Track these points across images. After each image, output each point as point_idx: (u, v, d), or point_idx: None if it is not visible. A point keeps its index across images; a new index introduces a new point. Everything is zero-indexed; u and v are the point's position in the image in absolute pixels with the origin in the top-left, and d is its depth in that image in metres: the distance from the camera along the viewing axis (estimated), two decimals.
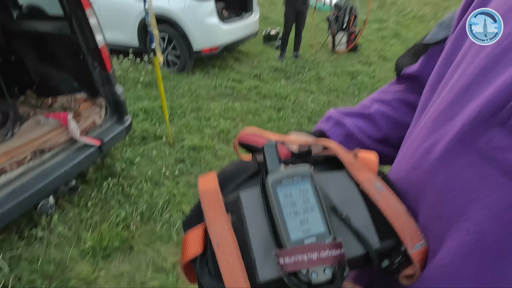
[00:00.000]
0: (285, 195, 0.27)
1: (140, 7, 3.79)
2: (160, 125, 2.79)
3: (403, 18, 9.00)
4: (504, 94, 0.23)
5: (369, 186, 0.29)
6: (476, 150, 0.25)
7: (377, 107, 0.49)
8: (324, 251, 0.24)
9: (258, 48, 5.47)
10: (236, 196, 0.29)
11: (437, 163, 0.28)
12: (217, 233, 0.27)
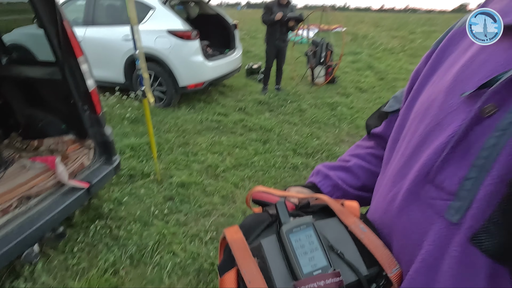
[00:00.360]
0: (296, 240, 0.37)
1: (127, 46, 3.95)
2: (148, 162, 2.80)
3: (374, 51, 9.70)
4: (431, 161, 0.36)
5: (355, 228, 0.40)
6: (420, 200, 0.37)
7: (354, 161, 0.62)
8: (328, 279, 0.34)
9: (242, 81, 5.70)
10: (258, 243, 0.38)
11: (399, 209, 0.39)
12: (248, 273, 0.36)
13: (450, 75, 0.40)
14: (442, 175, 0.35)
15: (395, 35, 14.64)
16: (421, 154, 0.38)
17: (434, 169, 0.36)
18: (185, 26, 3.76)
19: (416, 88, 0.47)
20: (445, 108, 0.37)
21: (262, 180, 2.56)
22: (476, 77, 0.36)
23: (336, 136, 3.48)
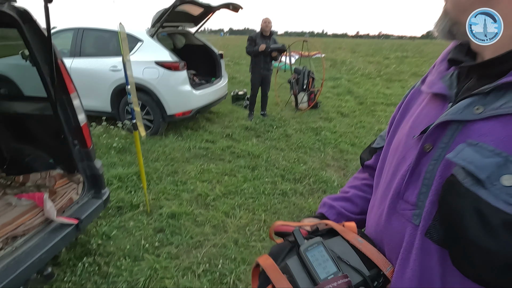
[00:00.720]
0: (311, 255, 0.50)
1: (114, 76, 4.00)
2: (136, 193, 2.77)
3: (353, 76, 10.22)
4: (400, 184, 0.52)
5: (354, 241, 0.54)
6: (397, 212, 0.51)
7: (353, 192, 0.77)
8: (339, 281, 0.46)
9: (228, 107, 5.83)
10: (285, 263, 0.51)
11: (385, 221, 0.54)
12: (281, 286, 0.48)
13: (409, 123, 0.57)
14: (407, 192, 0.51)
15: (371, 61, 15.54)
16: (395, 179, 0.54)
17: (402, 189, 0.51)
18: (173, 57, 3.88)
19: (392, 130, 0.65)
20: (406, 146, 0.54)
21: (253, 208, 2.59)
22: (421, 125, 0.52)
23: (322, 161, 3.59)
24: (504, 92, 0.42)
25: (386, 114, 5.60)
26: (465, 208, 0.40)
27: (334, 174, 3.26)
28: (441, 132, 0.47)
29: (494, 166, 0.40)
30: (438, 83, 0.53)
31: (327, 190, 2.91)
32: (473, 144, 0.43)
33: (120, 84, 4.03)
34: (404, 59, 16.53)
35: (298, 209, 2.61)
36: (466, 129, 0.44)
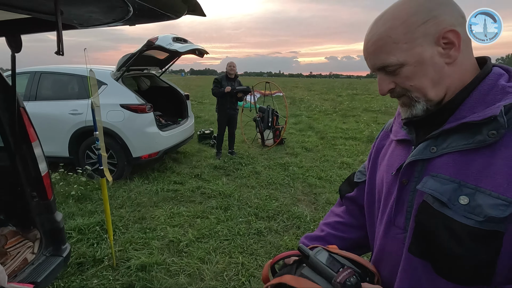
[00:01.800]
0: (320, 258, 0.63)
1: (74, 120, 3.83)
2: (99, 245, 2.53)
3: (312, 113, 10.92)
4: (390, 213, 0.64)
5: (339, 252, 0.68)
6: (392, 237, 0.64)
7: (327, 231, 0.86)
8: (346, 271, 0.60)
9: (195, 147, 5.79)
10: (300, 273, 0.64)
11: (382, 243, 0.66)
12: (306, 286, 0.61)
13: (385, 161, 0.71)
14: (397, 219, 0.63)
15: (326, 98, 16.85)
16: (386, 209, 0.66)
17: (392, 217, 0.64)
18: (139, 100, 3.85)
19: (371, 167, 0.79)
20: (388, 182, 0.67)
21: (229, 251, 2.50)
22: (395, 164, 0.65)
23: (293, 196, 3.66)
24: (447, 135, 0.56)
25: (346, 147, 6.00)
26: (438, 225, 0.53)
27: (306, 209, 3.33)
28: (412, 169, 0.60)
29: (451, 190, 0.53)
30: (401, 131, 0.68)
31: (301, 225, 2.94)
32: (434, 176, 0.56)
33: (81, 128, 3.85)
34: (355, 96, 18.20)
35: (275, 248, 2.58)
36: (429, 164, 0.58)
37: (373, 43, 0.58)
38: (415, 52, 0.54)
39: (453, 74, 0.55)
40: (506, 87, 0.53)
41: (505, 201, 0.48)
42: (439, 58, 0.54)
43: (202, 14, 1.33)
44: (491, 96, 0.53)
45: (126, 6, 1.10)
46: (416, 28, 0.53)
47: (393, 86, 0.59)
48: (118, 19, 1.30)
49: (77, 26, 1.40)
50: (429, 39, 0.53)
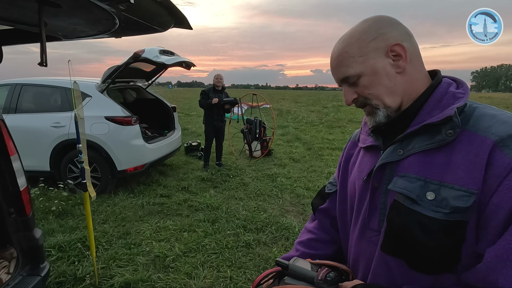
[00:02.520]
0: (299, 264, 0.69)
1: (56, 133, 3.73)
2: (81, 263, 2.42)
3: (299, 124, 11.06)
4: (364, 216, 0.69)
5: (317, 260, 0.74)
6: (367, 240, 0.69)
7: (301, 251, 0.87)
8: (324, 269, 0.67)
9: (182, 159, 5.72)
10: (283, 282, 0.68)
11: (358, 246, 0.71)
12: None
13: (355, 168, 0.76)
14: (371, 222, 0.68)
15: (312, 110, 17.14)
16: (359, 214, 0.71)
17: (366, 220, 0.68)
18: (124, 112, 3.80)
19: (341, 176, 0.84)
20: (360, 187, 0.72)
21: (217, 265, 2.45)
22: (365, 169, 0.71)
23: (281, 207, 3.65)
24: (411, 138, 0.63)
25: (333, 157, 6.08)
26: (409, 221, 0.58)
27: (294, 219, 3.32)
28: (382, 172, 0.66)
29: (418, 187, 0.58)
30: (368, 138, 0.74)
31: (289, 237, 2.92)
32: (402, 176, 0.61)
33: (63, 141, 3.74)
34: (340, 108, 18.60)
35: (264, 260, 2.54)
36: (397, 166, 0.63)
37: (335, 58, 0.67)
38: (369, 64, 0.63)
39: (405, 83, 0.63)
40: (456, 93, 0.62)
41: (467, 192, 0.54)
42: (391, 68, 0.62)
43: (189, 27, 1.35)
44: (445, 101, 0.61)
45: (112, 19, 1.11)
46: (368, 44, 0.63)
47: (355, 96, 0.67)
48: (104, 31, 1.30)
49: (61, 37, 1.39)
50: (380, 52, 0.62)
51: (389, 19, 0.65)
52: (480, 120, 0.58)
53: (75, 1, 0.89)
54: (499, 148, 0.53)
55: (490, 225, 0.52)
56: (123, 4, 0.90)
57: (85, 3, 0.92)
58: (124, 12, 1.04)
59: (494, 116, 0.57)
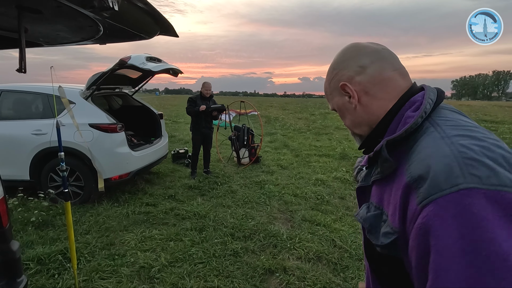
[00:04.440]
0: None
1: (37, 141, 3.62)
2: (61, 276, 2.33)
3: (286, 131, 11.14)
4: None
5: None
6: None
7: None
8: None
9: (169, 167, 5.64)
10: None
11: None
12: None
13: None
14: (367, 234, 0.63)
15: (300, 117, 17.33)
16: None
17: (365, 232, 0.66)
18: (110, 119, 3.73)
19: None
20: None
21: (204, 275, 2.41)
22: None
23: (269, 214, 3.64)
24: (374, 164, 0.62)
25: (320, 164, 6.14)
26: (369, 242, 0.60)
27: (282, 227, 3.32)
28: (362, 195, 0.68)
29: (374, 217, 0.58)
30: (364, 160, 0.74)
31: (277, 244, 2.91)
32: (368, 203, 0.62)
33: (44, 149, 3.63)
34: (327, 115, 18.89)
35: (252, 268, 2.52)
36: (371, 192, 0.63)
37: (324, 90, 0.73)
38: (334, 101, 0.70)
39: (364, 114, 0.64)
40: (407, 117, 0.56)
41: (391, 230, 0.52)
42: (348, 104, 0.66)
43: (175, 35, 1.36)
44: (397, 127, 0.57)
45: (96, 26, 1.10)
46: (330, 83, 0.69)
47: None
48: (88, 38, 1.28)
49: (43, 44, 1.36)
50: (337, 91, 0.67)
51: (348, 51, 0.66)
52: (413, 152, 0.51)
53: (57, 7, 0.88)
54: (413, 190, 0.47)
55: (409, 256, 0.49)
56: (107, 11, 0.90)
57: (68, 10, 0.90)
58: (108, 19, 1.04)
59: (425, 147, 0.49)
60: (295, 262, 2.62)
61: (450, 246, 0.40)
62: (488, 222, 0.39)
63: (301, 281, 2.36)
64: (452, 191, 0.41)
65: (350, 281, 2.37)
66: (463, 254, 0.39)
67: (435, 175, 0.44)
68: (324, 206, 3.90)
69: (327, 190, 4.51)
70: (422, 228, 0.44)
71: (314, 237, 3.06)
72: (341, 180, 5.04)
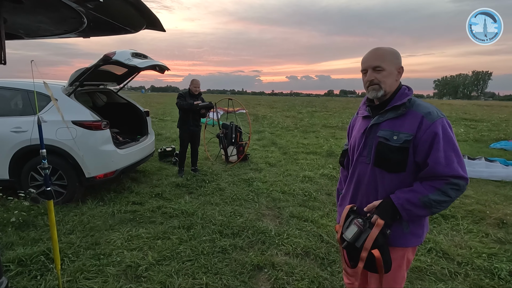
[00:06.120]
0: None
1: (16, 138, 3.50)
2: (44, 277, 2.26)
3: (274, 129, 11.18)
4: (359, 152, 1.45)
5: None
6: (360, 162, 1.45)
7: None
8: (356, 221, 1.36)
9: (156, 165, 5.56)
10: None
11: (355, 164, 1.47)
12: None
13: (356, 128, 1.50)
14: (363, 152, 1.40)
15: (287, 115, 17.43)
16: (357, 150, 1.44)
17: (361, 151, 1.41)
18: (94, 116, 3.64)
19: (350, 135, 1.58)
20: (359, 138, 1.44)
21: (192, 272, 2.39)
22: (362, 128, 1.43)
23: (257, 211, 3.66)
24: (386, 112, 1.33)
25: (307, 161, 6.21)
26: (385, 148, 1.30)
27: (270, 223, 3.34)
28: (371, 128, 1.37)
29: (389, 134, 1.29)
30: (365, 112, 1.44)
31: (266, 240, 2.93)
32: (382, 130, 1.32)
33: (25, 147, 3.50)
34: (314, 113, 19.11)
35: (240, 265, 2.53)
36: (378, 126, 1.34)
37: (377, 54, 1.32)
38: (391, 68, 1.32)
39: (394, 84, 1.35)
40: (407, 93, 1.33)
41: (410, 134, 1.25)
42: (395, 75, 1.34)
43: (162, 29, 1.34)
44: (402, 97, 1.32)
45: (80, 17, 1.07)
46: (395, 60, 1.33)
47: (373, 78, 1.32)
48: (71, 31, 1.25)
49: (23, 36, 1.31)
50: (396, 66, 1.33)
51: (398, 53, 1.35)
52: (417, 106, 1.29)
53: None
54: (425, 118, 1.24)
55: (419, 149, 1.24)
56: (91, 2, 0.88)
57: (50, 0, 0.88)
58: (92, 11, 1.01)
59: (422, 105, 1.30)
60: (283, 258, 2.64)
61: (440, 138, 1.21)
62: (449, 129, 1.25)
63: (289, 276, 2.38)
64: (439, 117, 1.24)
65: (337, 274, 2.42)
66: (446, 142, 1.22)
67: (432, 112, 1.25)
68: (312, 203, 3.95)
69: (314, 187, 4.57)
70: (432, 130, 1.22)
71: (301, 232, 3.10)
72: (328, 176, 5.11)
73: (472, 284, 2.34)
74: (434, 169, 1.19)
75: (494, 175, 5.09)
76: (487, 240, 3.02)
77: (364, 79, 1.35)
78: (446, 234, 3.13)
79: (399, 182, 1.28)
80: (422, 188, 1.21)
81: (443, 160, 1.18)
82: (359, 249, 1.25)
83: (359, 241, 1.25)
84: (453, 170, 1.17)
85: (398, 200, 1.22)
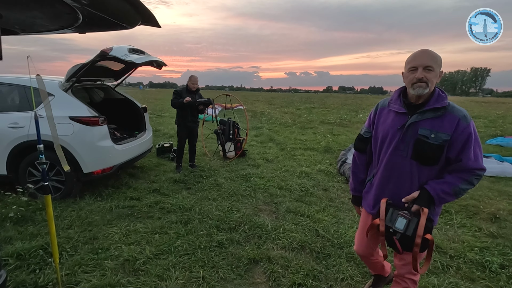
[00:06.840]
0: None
1: (14, 134, 3.51)
2: (43, 271, 2.29)
3: (272, 125, 11.19)
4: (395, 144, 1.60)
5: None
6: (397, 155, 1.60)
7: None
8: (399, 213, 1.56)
9: (153, 161, 5.58)
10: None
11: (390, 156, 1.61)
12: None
13: (387, 123, 1.61)
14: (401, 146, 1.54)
15: (285, 111, 17.43)
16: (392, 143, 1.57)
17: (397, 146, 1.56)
18: (91, 112, 3.64)
19: (375, 127, 1.69)
20: (393, 132, 1.57)
21: (189, 266, 2.43)
22: (397, 124, 1.56)
23: (254, 206, 3.69)
24: (425, 112, 1.48)
25: (305, 157, 6.24)
26: (424, 145, 1.46)
27: (267, 218, 3.37)
28: (409, 126, 1.51)
29: (429, 133, 1.45)
30: (401, 108, 1.57)
31: (262, 235, 2.97)
32: (421, 128, 1.47)
33: (22, 142, 3.51)
34: (312, 110, 19.11)
35: (237, 259, 2.56)
36: (417, 124, 1.49)
37: (431, 56, 1.44)
38: (437, 70, 1.45)
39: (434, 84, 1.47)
40: (442, 95, 1.49)
41: (447, 135, 1.42)
42: (438, 77, 1.47)
43: (157, 25, 1.35)
44: (439, 98, 1.48)
45: (75, 13, 1.08)
46: (440, 63, 1.46)
47: (423, 76, 1.43)
48: (66, 26, 1.26)
49: (19, 31, 1.32)
50: (439, 69, 1.46)
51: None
52: (453, 109, 1.46)
53: None
54: (461, 120, 1.42)
55: (453, 147, 1.43)
56: None
57: None
58: (87, 7, 1.02)
59: (457, 108, 1.46)
60: (279, 252, 2.68)
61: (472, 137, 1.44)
62: (476, 131, 1.47)
63: (284, 270, 2.42)
64: (471, 119, 1.46)
65: (332, 268, 2.46)
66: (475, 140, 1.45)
67: (466, 115, 1.45)
68: (308, 198, 3.98)
69: (311, 182, 4.60)
70: (467, 131, 1.42)
71: (298, 227, 3.14)
72: (325, 172, 5.15)
73: (463, 276, 2.39)
74: (466, 163, 1.42)
75: (489, 170, 5.14)
76: (479, 234, 3.08)
77: (410, 76, 1.48)
78: (440, 228, 3.18)
79: (430, 173, 1.50)
80: (453, 179, 1.44)
81: (472, 156, 1.42)
82: (411, 237, 1.42)
83: (409, 230, 1.43)
84: (479, 164, 1.43)
85: (434, 191, 1.45)
